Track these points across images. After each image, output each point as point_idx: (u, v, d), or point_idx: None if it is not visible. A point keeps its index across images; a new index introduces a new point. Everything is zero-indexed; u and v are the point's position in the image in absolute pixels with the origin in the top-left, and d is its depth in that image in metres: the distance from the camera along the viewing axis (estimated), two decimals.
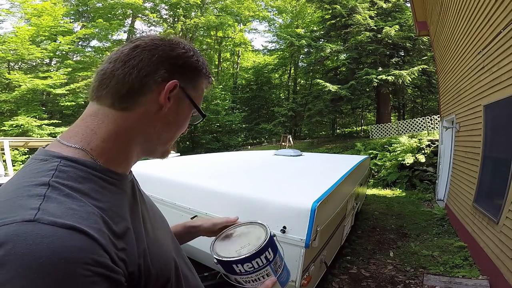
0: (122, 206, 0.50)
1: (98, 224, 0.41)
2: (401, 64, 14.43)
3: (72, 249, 0.36)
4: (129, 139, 0.53)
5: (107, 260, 0.40)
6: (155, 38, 0.55)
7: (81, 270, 0.36)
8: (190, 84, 0.58)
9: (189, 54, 0.57)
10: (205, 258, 2.13)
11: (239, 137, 23.31)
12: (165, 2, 20.97)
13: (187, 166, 3.53)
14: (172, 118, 0.57)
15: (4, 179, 6.54)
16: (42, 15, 16.67)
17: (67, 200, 0.41)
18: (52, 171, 0.44)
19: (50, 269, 0.34)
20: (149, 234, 0.53)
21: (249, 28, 25.90)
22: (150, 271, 0.48)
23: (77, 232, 0.38)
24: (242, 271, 0.67)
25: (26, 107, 15.68)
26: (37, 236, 0.35)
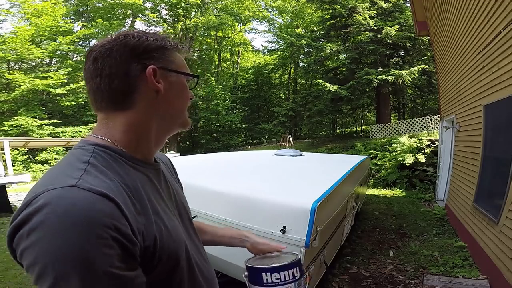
0: (143, 187, 0.57)
1: (124, 197, 0.49)
2: (401, 64, 14.43)
3: (100, 213, 0.43)
4: (145, 129, 0.60)
5: (127, 230, 0.46)
6: (103, 43, 0.58)
7: (101, 231, 0.42)
8: (165, 61, 0.61)
9: (142, 39, 0.60)
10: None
11: (239, 137, 23.32)
12: (165, 2, 20.97)
13: (187, 166, 3.53)
14: (172, 94, 0.62)
15: (4, 179, 6.54)
16: (42, 15, 16.68)
17: (101, 175, 0.50)
18: (90, 153, 0.54)
19: (80, 227, 0.41)
20: (163, 218, 0.58)
21: (249, 28, 25.92)
22: (163, 250, 0.53)
23: (107, 200, 0.45)
24: (269, 281, 0.71)
25: (26, 107, 15.69)
26: (75, 198, 0.43)
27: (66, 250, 0.40)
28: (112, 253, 0.43)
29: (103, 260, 0.42)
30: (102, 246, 0.42)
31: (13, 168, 11.37)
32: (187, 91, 0.66)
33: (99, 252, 0.41)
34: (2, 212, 5.99)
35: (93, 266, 0.41)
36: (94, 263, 0.41)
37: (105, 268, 0.42)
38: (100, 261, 0.42)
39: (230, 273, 2.20)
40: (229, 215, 2.17)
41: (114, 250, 0.43)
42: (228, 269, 2.19)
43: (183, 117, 0.66)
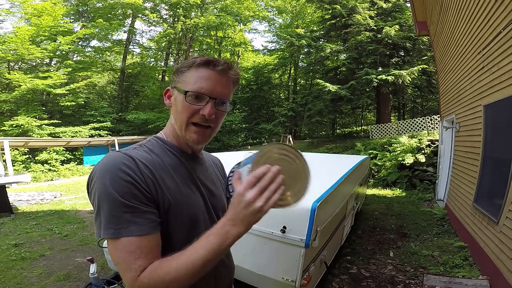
0: (172, 165, 0.80)
1: (147, 161, 0.74)
2: (401, 64, 14.42)
3: (123, 164, 0.68)
4: (172, 126, 0.84)
5: (139, 179, 0.69)
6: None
7: (122, 174, 0.67)
8: (178, 82, 0.79)
9: (176, 65, 0.81)
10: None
11: (239, 137, 23.30)
12: (165, 2, 20.96)
13: None
14: (175, 108, 0.81)
15: (4, 179, 6.53)
16: (42, 15, 16.67)
17: (142, 152, 0.76)
18: (148, 141, 0.83)
19: (109, 172, 0.67)
20: (182, 190, 0.78)
21: (249, 28, 25.88)
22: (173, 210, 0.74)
23: (131, 159, 0.71)
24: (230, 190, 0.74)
25: (26, 107, 15.67)
26: (113, 156, 0.70)
27: (102, 187, 0.66)
28: (127, 190, 0.66)
29: (120, 193, 0.65)
30: (120, 185, 0.65)
31: (13, 168, 11.37)
32: (183, 105, 0.77)
33: (118, 188, 0.65)
34: (2, 212, 5.99)
35: (113, 196, 0.65)
36: (114, 195, 0.65)
37: (121, 199, 0.65)
38: (118, 194, 0.65)
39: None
40: None
41: (128, 189, 0.66)
42: None
43: (182, 129, 0.79)
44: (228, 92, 0.80)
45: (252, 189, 0.60)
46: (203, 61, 0.76)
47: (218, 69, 0.76)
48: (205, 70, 0.76)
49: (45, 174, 13.52)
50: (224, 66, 0.76)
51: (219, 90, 0.77)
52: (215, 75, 0.76)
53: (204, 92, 0.75)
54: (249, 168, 0.63)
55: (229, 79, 0.80)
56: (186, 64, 0.78)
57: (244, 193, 0.60)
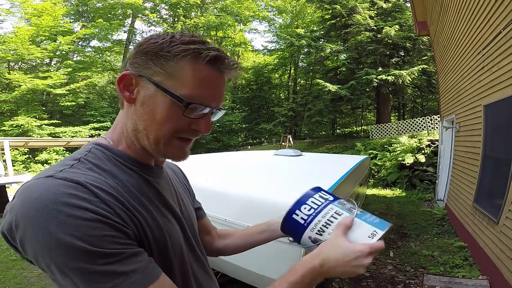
0: (137, 187, 0.55)
1: (106, 187, 0.48)
2: (401, 64, 14.42)
3: (73, 196, 0.43)
4: (129, 133, 0.57)
5: (105, 212, 0.45)
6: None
7: (80, 213, 0.42)
8: (158, 73, 0.52)
9: (146, 40, 0.54)
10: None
11: (239, 137, 23.32)
12: (165, 2, 20.97)
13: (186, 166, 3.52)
14: (146, 110, 0.54)
15: (4, 179, 6.53)
16: (42, 15, 16.68)
17: (87, 171, 0.50)
18: (86, 152, 0.54)
19: (53, 211, 0.41)
20: (157, 218, 0.56)
21: (249, 28, 25.92)
22: (151, 248, 0.52)
23: (81, 186, 0.45)
24: (305, 218, 0.63)
25: (26, 107, 15.68)
26: (48, 185, 0.44)
27: (46, 238, 0.41)
28: (96, 233, 0.42)
29: (87, 240, 0.41)
30: (80, 227, 0.41)
31: (13, 168, 11.36)
32: (174, 116, 0.53)
33: (78, 233, 0.41)
34: (2, 212, 5.98)
35: (76, 248, 0.41)
36: (76, 246, 0.41)
37: (93, 248, 0.42)
38: (84, 242, 0.41)
39: (230, 273, 2.20)
40: (229, 215, 2.17)
41: (96, 230, 0.42)
42: (228, 269, 2.19)
43: (159, 145, 0.55)
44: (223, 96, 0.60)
45: (371, 257, 0.55)
46: (213, 58, 0.52)
47: (227, 71, 0.56)
48: (209, 69, 0.53)
49: None
50: (235, 67, 0.56)
51: (220, 97, 0.58)
52: (219, 78, 0.56)
53: (208, 103, 0.55)
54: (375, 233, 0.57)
55: (226, 79, 0.59)
56: (179, 51, 0.51)
57: (365, 256, 0.54)
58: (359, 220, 0.59)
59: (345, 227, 0.58)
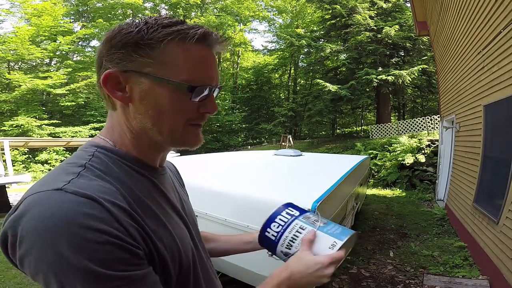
0: (147, 192, 0.53)
1: (119, 200, 0.46)
2: (401, 64, 14.42)
3: (87, 216, 0.40)
4: (131, 132, 0.54)
5: (118, 233, 0.42)
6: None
7: (93, 235, 0.40)
8: (146, 64, 0.49)
9: (117, 32, 0.49)
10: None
11: (239, 137, 23.32)
12: (165, 2, 20.98)
13: (187, 166, 3.52)
14: (148, 105, 0.51)
15: (4, 179, 6.53)
16: (42, 15, 16.69)
17: (96, 179, 0.46)
18: (90, 156, 0.50)
19: (66, 232, 0.39)
20: (168, 225, 0.54)
21: (249, 28, 25.91)
22: (166, 258, 0.50)
23: (95, 202, 0.42)
24: (275, 235, 0.69)
25: (26, 107, 15.69)
26: (59, 201, 0.40)
27: (56, 258, 0.38)
28: (108, 257, 0.40)
29: (99, 263, 0.40)
30: (94, 250, 0.40)
31: (13, 168, 11.36)
32: (183, 105, 0.52)
33: (91, 256, 0.39)
34: (2, 212, 5.99)
35: (87, 270, 0.39)
36: (89, 268, 0.39)
37: (105, 271, 0.40)
38: (96, 264, 0.39)
39: (230, 273, 2.20)
40: (229, 215, 2.17)
41: (110, 254, 0.41)
42: (228, 269, 2.19)
43: (175, 136, 0.54)
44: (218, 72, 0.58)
45: (332, 267, 0.60)
46: (201, 36, 0.50)
47: (216, 45, 0.54)
48: (200, 48, 0.51)
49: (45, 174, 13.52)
50: (222, 40, 0.54)
51: (217, 73, 0.56)
52: (211, 55, 0.54)
53: (209, 82, 0.53)
54: (334, 244, 0.62)
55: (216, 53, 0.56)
56: (160, 36, 0.48)
57: (326, 267, 0.59)
58: (321, 232, 0.64)
59: (308, 241, 0.63)
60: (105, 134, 0.56)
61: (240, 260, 2.04)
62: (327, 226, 0.66)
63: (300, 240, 0.64)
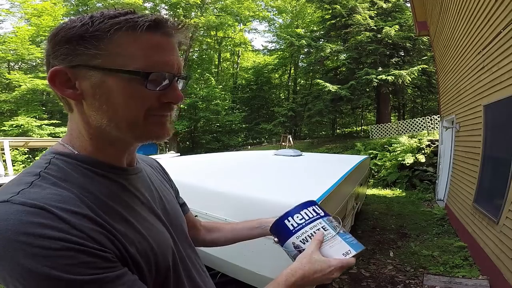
0: (112, 195, 0.51)
1: (77, 206, 0.43)
2: (401, 64, 14.43)
3: (36, 225, 0.38)
4: (91, 133, 0.51)
5: (77, 239, 0.40)
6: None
7: (48, 243, 0.38)
8: (96, 56, 0.46)
9: (61, 29, 0.47)
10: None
11: (239, 137, 23.31)
12: (165, 2, 20.98)
13: (187, 166, 3.53)
14: (100, 102, 0.48)
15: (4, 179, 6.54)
16: (42, 15, 16.69)
17: (51, 187, 0.44)
18: (46, 164, 0.48)
19: (16, 242, 0.37)
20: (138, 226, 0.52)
21: (249, 28, 25.90)
22: (137, 258, 0.49)
23: (44, 211, 0.39)
24: (295, 226, 0.69)
25: (26, 107, 15.69)
26: (4, 213, 0.39)
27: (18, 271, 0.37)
28: (70, 262, 0.38)
29: (62, 269, 0.38)
30: (53, 257, 0.38)
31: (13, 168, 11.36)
32: (139, 95, 0.48)
33: (51, 264, 0.37)
34: None
35: (52, 277, 0.37)
36: (52, 275, 0.37)
37: (71, 276, 0.38)
38: (60, 271, 0.37)
39: (230, 273, 2.20)
40: (229, 215, 2.17)
41: (71, 259, 0.38)
42: (228, 269, 2.19)
43: (135, 128, 0.50)
44: (181, 61, 0.54)
45: (339, 271, 0.62)
46: (152, 23, 0.47)
47: (174, 33, 0.50)
48: (153, 36, 0.48)
49: None
50: (181, 27, 0.51)
51: (178, 62, 0.52)
52: (168, 43, 0.50)
53: (168, 70, 0.50)
54: (348, 252, 0.64)
55: (176, 42, 0.52)
56: (106, 26, 0.46)
57: (334, 271, 0.61)
58: (340, 238, 0.66)
59: (319, 242, 0.64)
60: (65, 139, 0.53)
61: (240, 260, 2.04)
62: (346, 235, 0.69)
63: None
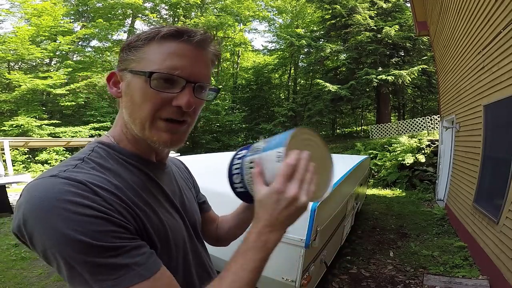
0: (139, 184, 0.57)
1: (107, 185, 0.49)
2: (401, 64, 14.42)
3: (75, 194, 0.44)
4: (128, 129, 0.59)
5: (106, 209, 0.46)
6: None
7: (82, 209, 0.44)
8: (131, 61, 0.55)
9: (126, 43, 0.58)
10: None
11: (239, 137, 23.29)
12: (165, 2, 20.96)
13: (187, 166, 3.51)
14: (128, 98, 0.56)
15: (4, 179, 6.53)
16: (42, 15, 16.67)
17: (90, 171, 0.51)
18: (90, 151, 0.56)
19: (56, 208, 0.43)
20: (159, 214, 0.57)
21: (249, 28, 25.87)
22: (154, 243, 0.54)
23: (82, 185, 0.46)
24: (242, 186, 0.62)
25: (26, 107, 15.67)
26: (52, 184, 0.45)
27: (52, 234, 0.43)
28: (96, 228, 0.44)
29: (89, 235, 0.43)
30: (82, 223, 0.43)
31: (13, 168, 11.36)
32: (146, 94, 0.53)
33: (80, 229, 0.43)
34: (2, 212, 5.99)
35: (80, 243, 0.43)
36: (80, 241, 0.42)
37: (96, 242, 0.43)
38: (86, 236, 0.43)
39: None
40: None
41: (97, 225, 0.44)
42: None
43: (145, 130, 0.55)
44: (208, 73, 0.58)
45: (292, 183, 0.49)
46: (172, 32, 0.53)
47: (194, 41, 0.54)
48: (175, 44, 0.53)
49: None
50: (203, 37, 0.55)
51: (198, 70, 0.55)
52: (191, 50, 0.54)
53: (179, 74, 0.53)
54: (279, 154, 0.50)
55: (208, 55, 0.58)
56: (144, 37, 0.54)
57: (285, 189, 0.49)
58: (264, 153, 0.54)
59: (257, 174, 0.54)
60: (110, 132, 0.63)
61: None
62: (269, 142, 0.56)
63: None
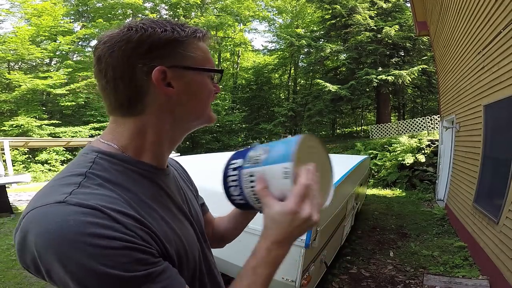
0: (151, 195, 0.53)
1: (123, 207, 0.45)
2: (401, 64, 14.43)
3: (95, 225, 0.40)
4: (157, 134, 0.55)
5: (130, 237, 0.43)
6: (105, 40, 0.51)
7: (107, 242, 0.40)
8: (178, 57, 0.53)
9: (148, 32, 0.51)
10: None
11: (239, 137, 23.28)
12: (165, 2, 20.98)
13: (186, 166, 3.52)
14: (188, 96, 0.55)
15: (4, 179, 6.53)
16: (42, 15, 16.68)
17: (98, 188, 0.46)
18: (90, 163, 0.50)
19: (78, 243, 0.39)
20: (174, 226, 0.55)
21: (249, 28, 25.87)
22: (173, 257, 0.51)
23: (99, 212, 0.42)
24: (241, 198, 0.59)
25: (26, 107, 15.67)
26: (64, 214, 0.40)
27: (80, 270, 0.39)
28: (125, 260, 0.41)
29: (119, 267, 0.40)
30: (110, 256, 0.40)
31: (13, 168, 11.36)
32: (208, 87, 0.58)
33: (110, 263, 0.40)
34: (2, 212, 5.99)
35: (112, 276, 0.40)
36: (112, 274, 0.40)
37: (127, 273, 0.41)
38: (117, 269, 0.40)
39: (230, 273, 2.20)
40: None
41: (126, 257, 0.41)
42: (228, 269, 2.19)
43: (205, 115, 0.60)
44: None
45: (306, 203, 0.49)
46: (204, 35, 0.58)
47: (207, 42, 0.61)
48: (203, 43, 0.59)
49: (45, 174, 13.52)
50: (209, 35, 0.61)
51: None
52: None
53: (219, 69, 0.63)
54: (286, 170, 0.48)
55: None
56: (187, 34, 0.55)
57: (300, 210, 0.48)
58: (267, 167, 0.51)
59: (262, 189, 0.52)
60: (108, 138, 0.55)
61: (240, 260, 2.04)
62: (270, 152, 0.53)
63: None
